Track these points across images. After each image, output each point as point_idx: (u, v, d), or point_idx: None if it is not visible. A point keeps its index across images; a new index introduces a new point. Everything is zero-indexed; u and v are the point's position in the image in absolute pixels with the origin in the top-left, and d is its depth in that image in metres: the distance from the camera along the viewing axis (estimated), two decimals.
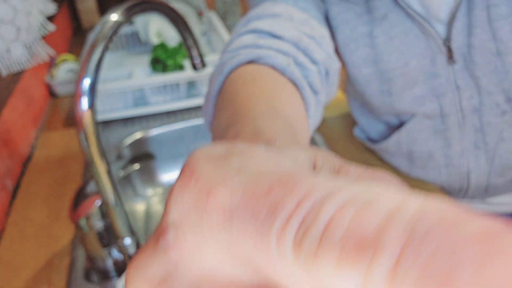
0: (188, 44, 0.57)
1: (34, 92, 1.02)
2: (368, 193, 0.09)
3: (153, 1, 0.50)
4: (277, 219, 0.09)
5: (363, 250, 0.08)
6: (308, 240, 0.09)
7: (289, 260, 0.09)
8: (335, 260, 0.09)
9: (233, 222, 0.10)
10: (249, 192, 0.10)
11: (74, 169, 0.82)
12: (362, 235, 0.08)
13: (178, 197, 0.11)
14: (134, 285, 0.12)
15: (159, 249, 0.11)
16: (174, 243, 0.11)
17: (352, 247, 0.08)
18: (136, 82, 0.94)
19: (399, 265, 0.08)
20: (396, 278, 0.08)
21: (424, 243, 0.08)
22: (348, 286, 0.08)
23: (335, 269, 0.09)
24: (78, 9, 1.63)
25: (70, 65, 1.13)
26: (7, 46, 0.75)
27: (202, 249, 0.11)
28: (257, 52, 0.38)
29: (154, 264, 0.11)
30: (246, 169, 0.11)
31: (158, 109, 0.97)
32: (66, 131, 0.96)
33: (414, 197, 0.09)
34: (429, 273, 0.08)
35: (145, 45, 1.37)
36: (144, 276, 0.11)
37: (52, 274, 0.59)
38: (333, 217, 0.09)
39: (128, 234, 0.53)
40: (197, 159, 0.12)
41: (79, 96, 0.44)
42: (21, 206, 0.74)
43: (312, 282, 0.09)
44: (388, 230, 0.08)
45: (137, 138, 0.91)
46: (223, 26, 1.25)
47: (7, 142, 0.80)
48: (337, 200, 0.09)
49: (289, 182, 0.10)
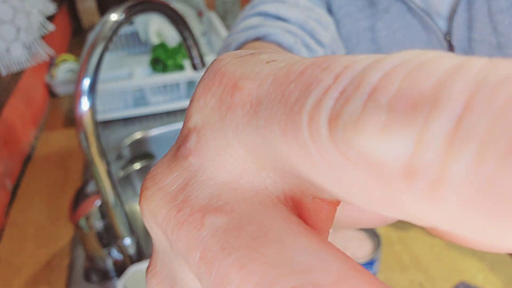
0: (188, 44, 0.57)
1: (34, 92, 1.02)
2: (422, 56, 0.07)
3: (153, 1, 0.50)
4: (311, 95, 0.08)
5: (416, 107, 0.07)
6: (348, 110, 0.07)
7: (324, 139, 0.08)
8: (381, 124, 0.07)
9: (260, 113, 0.09)
10: (280, 78, 0.09)
11: (74, 169, 0.82)
12: (416, 93, 0.07)
13: (200, 100, 0.10)
14: (149, 194, 0.10)
15: (178, 157, 0.10)
16: (195, 148, 0.10)
17: (404, 106, 0.07)
18: (136, 82, 0.94)
19: (463, 120, 0.06)
20: (459, 136, 0.06)
21: (497, 91, 0.06)
22: (395, 155, 0.07)
23: (380, 135, 0.07)
24: (78, 9, 1.63)
25: (70, 65, 1.13)
26: (7, 46, 0.76)
27: (225, 154, 0.10)
28: (264, 30, 0.38)
29: (172, 172, 0.10)
30: (277, 60, 0.09)
31: (158, 109, 0.97)
32: (66, 131, 0.96)
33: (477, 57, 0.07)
34: (503, 127, 0.06)
35: (145, 45, 1.37)
36: (160, 186, 0.10)
37: (52, 274, 0.59)
38: (379, 82, 0.07)
39: (128, 234, 0.53)
40: (222, 59, 0.10)
41: (79, 96, 0.44)
42: (21, 206, 0.74)
43: (348, 167, 0.07)
44: (449, 84, 0.07)
45: (137, 138, 0.91)
46: (223, 26, 1.25)
47: (7, 142, 0.80)
48: (385, 65, 0.07)
49: (326, 61, 0.08)
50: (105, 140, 0.90)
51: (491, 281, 0.51)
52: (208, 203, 0.09)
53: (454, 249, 0.56)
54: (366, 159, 0.07)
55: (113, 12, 0.46)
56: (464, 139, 0.06)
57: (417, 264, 0.54)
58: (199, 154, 0.10)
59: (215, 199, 0.09)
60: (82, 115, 0.44)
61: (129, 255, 0.55)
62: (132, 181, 0.89)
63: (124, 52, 1.37)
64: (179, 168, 0.10)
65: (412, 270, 0.53)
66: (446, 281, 0.51)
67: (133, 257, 0.55)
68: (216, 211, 0.09)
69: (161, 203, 0.10)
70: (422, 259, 0.54)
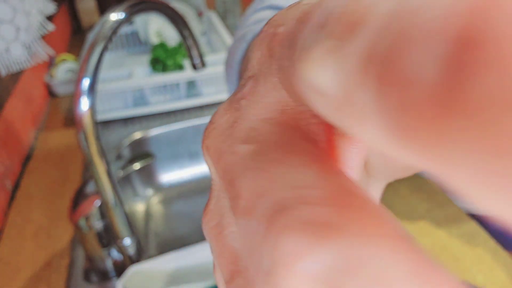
0: (188, 44, 0.57)
1: (33, 92, 1.02)
2: None
3: (153, 1, 0.50)
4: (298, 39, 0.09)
5: (340, 36, 0.07)
6: (302, 45, 0.08)
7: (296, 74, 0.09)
8: (316, 54, 0.08)
9: (279, 59, 0.10)
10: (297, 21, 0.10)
11: (73, 169, 0.82)
12: (340, 23, 0.07)
13: (257, 52, 0.11)
14: (206, 134, 0.12)
15: (233, 101, 0.12)
16: (248, 93, 0.11)
17: (331, 35, 0.07)
18: (136, 82, 0.94)
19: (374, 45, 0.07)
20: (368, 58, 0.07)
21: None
22: (327, 82, 0.07)
23: (313, 65, 0.08)
24: (78, 9, 1.63)
25: (69, 65, 1.13)
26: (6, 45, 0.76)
27: (269, 96, 0.11)
28: None
29: (226, 114, 0.12)
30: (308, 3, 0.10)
31: (158, 109, 0.97)
32: (66, 131, 0.96)
33: None
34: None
35: (145, 45, 1.37)
36: (215, 126, 0.12)
37: (52, 274, 0.59)
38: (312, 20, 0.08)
39: (128, 234, 0.53)
40: (279, 15, 0.12)
41: (78, 96, 0.44)
42: (21, 206, 0.74)
43: (311, 98, 0.08)
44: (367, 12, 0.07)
45: (136, 138, 0.91)
46: (223, 26, 1.25)
47: (7, 142, 0.80)
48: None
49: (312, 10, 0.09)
50: (105, 140, 0.90)
51: (492, 281, 0.51)
52: (246, 135, 0.11)
53: (455, 249, 0.56)
54: (312, 88, 0.08)
55: (112, 11, 0.46)
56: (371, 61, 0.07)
57: None
58: (250, 97, 0.11)
59: (253, 132, 0.11)
60: (82, 115, 0.44)
61: (128, 256, 0.55)
62: (131, 181, 0.89)
63: (124, 51, 1.37)
64: (232, 110, 0.12)
65: None
66: None
67: (133, 257, 0.55)
68: (250, 141, 0.10)
69: (212, 138, 0.12)
70: None
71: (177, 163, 0.95)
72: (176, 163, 0.95)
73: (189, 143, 0.95)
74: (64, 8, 1.57)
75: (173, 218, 0.86)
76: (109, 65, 1.26)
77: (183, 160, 0.95)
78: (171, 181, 0.94)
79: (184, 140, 0.95)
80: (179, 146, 0.95)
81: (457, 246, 0.56)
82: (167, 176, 0.94)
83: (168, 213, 0.87)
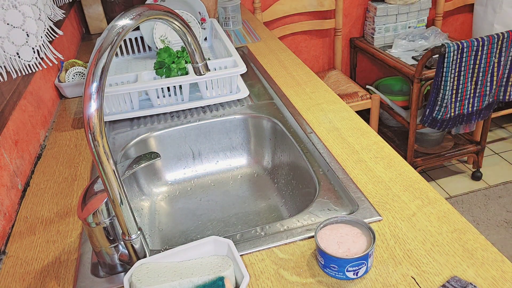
0: (191, 49, 0.59)
1: (43, 95, 1.05)
2: None
3: (157, 8, 0.53)
4: None
5: None
6: None
7: None
8: None
9: None
10: None
11: (82, 168, 0.85)
12: None
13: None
14: None
15: None
16: None
17: None
18: (142, 85, 0.97)
19: None
20: None
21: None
22: None
23: None
24: (85, 15, 1.66)
25: (78, 69, 1.16)
26: (17, 50, 0.78)
27: None
28: None
29: None
30: None
31: (162, 111, 1.00)
32: (74, 132, 0.99)
33: None
34: None
35: (150, 50, 1.40)
36: None
37: (61, 268, 0.61)
38: None
39: (134, 230, 0.55)
40: None
41: (87, 98, 0.46)
42: (31, 204, 0.76)
43: None
44: None
45: (142, 138, 0.93)
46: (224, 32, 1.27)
47: (18, 142, 0.83)
48: None
49: None
50: (112, 140, 0.93)
51: (482, 276, 0.52)
52: None
53: (446, 245, 0.57)
54: None
55: (119, 18, 0.48)
56: None
57: (409, 259, 0.56)
58: None
59: None
60: (90, 116, 0.46)
61: (135, 250, 0.56)
62: (137, 179, 0.91)
63: (130, 56, 1.40)
64: None
65: (405, 265, 0.55)
66: (438, 276, 0.53)
67: (139, 252, 0.56)
68: None
69: None
70: (415, 255, 0.56)
71: (180, 162, 0.97)
72: (180, 162, 0.97)
73: (192, 143, 0.97)
74: (73, 14, 1.61)
75: (177, 214, 0.88)
76: (116, 69, 1.30)
77: (186, 159, 0.98)
78: (175, 179, 0.96)
79: (187, 140, 0.97)
80: (182, 146, 0.97)
81: (448, 243, 0.58)
82: (171, 174, 0.96)
83: (172, 210, 0.89)
